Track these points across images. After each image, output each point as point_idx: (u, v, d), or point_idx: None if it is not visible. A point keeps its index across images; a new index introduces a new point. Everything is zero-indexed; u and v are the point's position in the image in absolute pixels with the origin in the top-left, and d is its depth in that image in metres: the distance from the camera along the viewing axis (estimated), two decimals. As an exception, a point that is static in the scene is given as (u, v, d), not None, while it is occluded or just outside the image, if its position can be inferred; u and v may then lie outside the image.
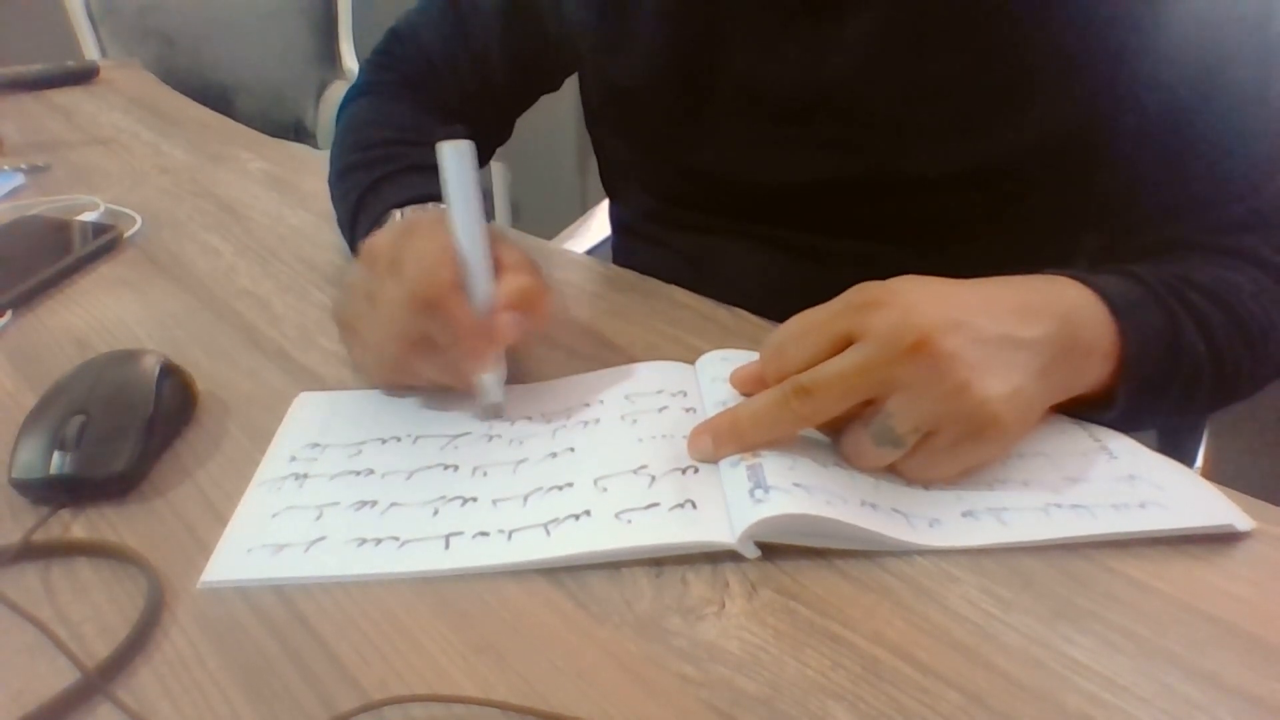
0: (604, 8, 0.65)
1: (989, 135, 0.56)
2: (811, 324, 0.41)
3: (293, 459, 0.46)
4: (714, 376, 0.49)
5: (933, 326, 0.39)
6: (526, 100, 0.78)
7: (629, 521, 0.39)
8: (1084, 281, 0.46)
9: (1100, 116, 0.54)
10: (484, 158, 0.78)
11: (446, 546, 0.39)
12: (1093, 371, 0.45)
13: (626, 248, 0.79)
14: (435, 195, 0.55)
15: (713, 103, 0.62)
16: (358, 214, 0.61)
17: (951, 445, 0.41)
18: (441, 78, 0.73)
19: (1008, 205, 0.59)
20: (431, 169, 0.47)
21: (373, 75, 0.76)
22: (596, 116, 0.73)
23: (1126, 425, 0.46)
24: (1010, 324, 0.41)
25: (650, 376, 0.51)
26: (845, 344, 0.40)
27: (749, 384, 0.45)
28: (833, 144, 0.60)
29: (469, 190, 0.46)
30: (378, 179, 0.62)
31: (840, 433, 0.42)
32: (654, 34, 0.62)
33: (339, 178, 0.67)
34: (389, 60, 0.76)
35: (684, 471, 0.42)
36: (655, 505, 0.40)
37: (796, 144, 0.61)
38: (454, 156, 0.45)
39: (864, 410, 0.41)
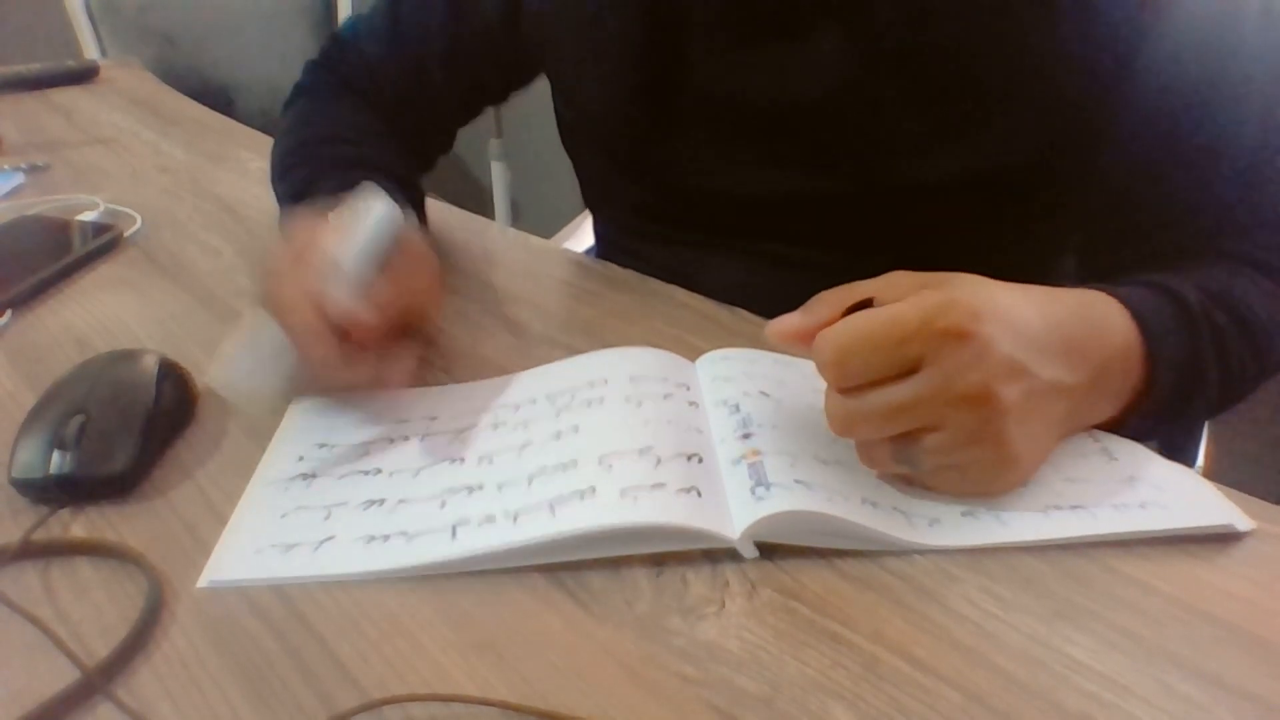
0: (571, 30, 0.64)
1: (961, 149, 0.56)
2: (883, 341, 0.38)
3: (300, 459, 0.46)
4: (715, 376, 0.49)
5: (996, 373, 0.38)
6: (467, 113, 0.77)
7: (635, 499, 0.39)
8: (1133, 315, 0.45)
9: (1081, 127, 0.54)
10: (425, 164, 0.76)
11: (454, 536, 0.39)
12: (1108, 411, 0.45)
13: (609, 260, 0.79)
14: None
15: (683, 121, 0.62)
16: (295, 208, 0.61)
17: (966, 478, 0.41)
18: (379, 84, 0.73)
19: (989, 215, 0.59)
20: (359, 166, 0.48)
21: (312, 77, 0.76)
22: (571, 134, 0.73)
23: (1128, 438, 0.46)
24: (1061, 368, 0.41)
25: (654, 361, 0.50)
26: (912, 369, 0.39)
27: (789, 339, 0.43)
28: (804, 158, 0.60)
29: (372, 232, 0.49)
30: (311, 175, 0.62)
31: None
32: (622, 54, 0.62)
33: (279, 179, 0.67)
34: (329, 63, 0.77)
35: (689, 458, 0.42)
36: (661, 485, 0.40)
37: (768, 159, 0.61)
38: (376, 204, 0.50)
39: None
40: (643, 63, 0.61)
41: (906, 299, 0.39)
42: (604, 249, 0.81)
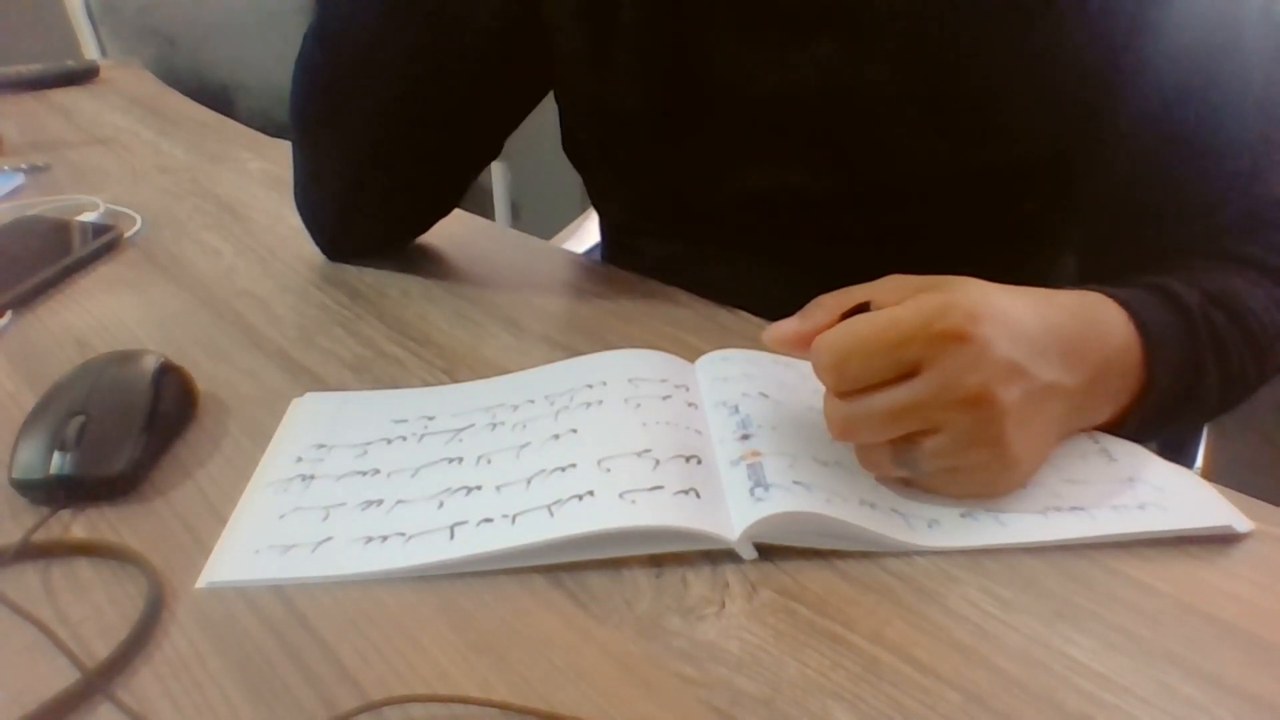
0: (585, 32, 0.64)
1: (961, 147, 0.56)
2: (881, 344, 0.39)
3: (299, 460, 0.46)
4: (714, 376, 0.49)
5: (994, 375, 0.38)
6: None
7: (633, 502, 0.39)
8: (1132, 316, 0.45)
9: (1080, 125, 0.54)
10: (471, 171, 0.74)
11: (452, 537, 0.39)
12: (1107, 412, 0.45)
13: (611, 259, 0.79)
14: None
15: (690, 118, 0.62)
16: None
17: (966, 480, 0.41)
18: None
19: (990, 213, 0.59)
20: None
21: None
22: (575, 140, 0.72)
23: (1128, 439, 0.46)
24: (1059, 369, 0.41)
25: (653, 363, 0.51)
26: (911, 372, 0.39)
27: (786, 344, 0.43)
28: (808, 156, 0.60)
29: None
30: None
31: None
32: (634, 53, 0.62)
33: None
34: None
35: (687, 460, 0.42)
36: (659, 488, 0.40)
37: (772, 156, 0.61)
38: None
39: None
40: (655, 57, 0.61)
41: (904, 302, 0.39)
42: (609, 247, 0.81)
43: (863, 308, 0.41)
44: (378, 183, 0.66)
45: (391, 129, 0.63)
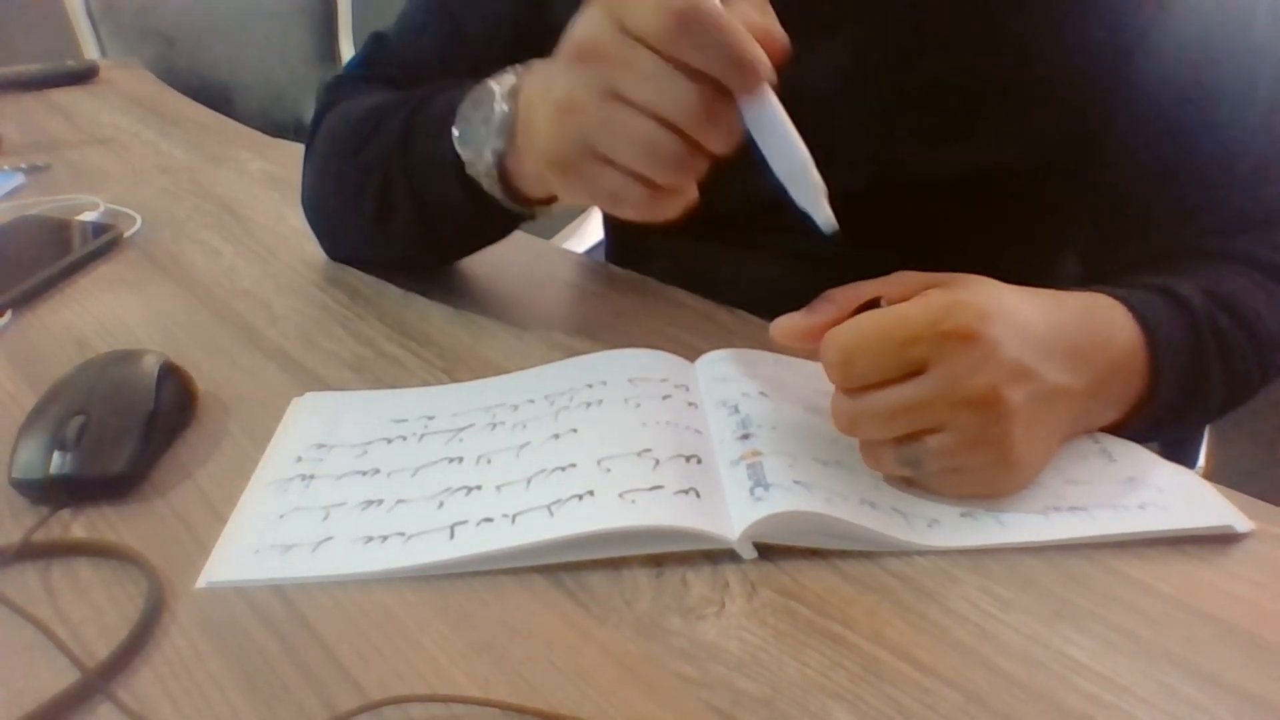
0: None
1: (968, 147, 0.56)
2: (889, 342, 0.39)
3: (299, 460, 0.46)
4: (714, 376, 0.49)
5: (1002, 376, 0.38)
6: None
7: (633, 502, 0.39)
8: (1137, 320, 0.45)
9: (1087, 125, 0.54)
10: None
11: (452, 536, 0.39)
12: (1111, 415, 0.45)
13: (618, 258, 0.79)
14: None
15: None
16: (439, 139, 0.54)
17: (969, 480, 0.40)
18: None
19: (995, 212, 0.59)
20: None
21: (347, 82, 0.70)
22: None
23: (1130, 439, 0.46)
24: (1066, 372, 0.41)
25: (653, 363, 0.51)
26: (918, 370, 0.39)
27: (793, 338, 0.43)
28: (813, 153, 0.60)
29: None
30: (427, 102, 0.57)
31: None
32: None
33: (358, 160, 0.61)
34: (369, 64, 0.71)
35: (687, 460, 0.42)
36: (659, 488, 0.40)
37: None
38: None
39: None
40: None
41: (913, 300, 0.39)
42: (613, 246, 0.81)
43: (873, 303, 0.41)
44: (396, 229, 0.63)
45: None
